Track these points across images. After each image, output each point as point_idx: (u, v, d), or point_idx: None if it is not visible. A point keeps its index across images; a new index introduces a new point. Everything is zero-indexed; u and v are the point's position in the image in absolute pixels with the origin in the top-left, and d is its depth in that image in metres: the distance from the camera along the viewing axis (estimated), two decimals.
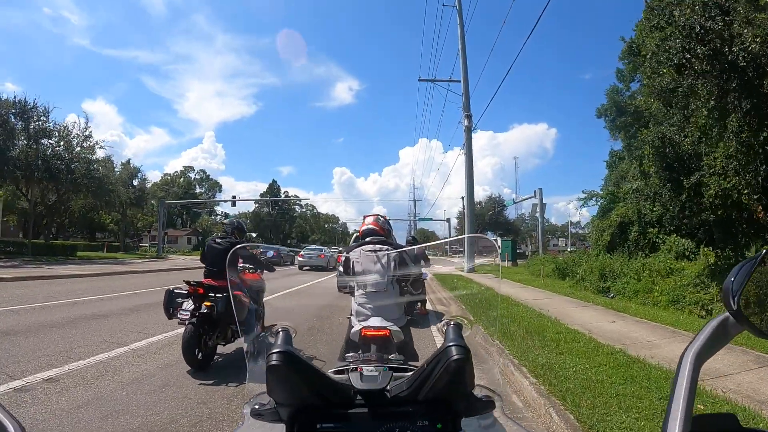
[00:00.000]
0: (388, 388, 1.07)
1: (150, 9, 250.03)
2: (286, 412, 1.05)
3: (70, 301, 13.54)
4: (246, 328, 7.48)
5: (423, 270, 8.76)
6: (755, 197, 10.67)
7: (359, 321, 4.36)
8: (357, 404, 1.05)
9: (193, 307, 6.89)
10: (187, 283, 7.05)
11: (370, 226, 4.85)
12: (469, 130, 31.32)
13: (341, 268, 4.79)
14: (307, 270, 33.80)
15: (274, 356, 0.98)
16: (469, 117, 31.08)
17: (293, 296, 15.74)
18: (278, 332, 1.10)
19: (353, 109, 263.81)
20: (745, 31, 9.77)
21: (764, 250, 0.88)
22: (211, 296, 6.95)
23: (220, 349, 7.53)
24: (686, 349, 0.85)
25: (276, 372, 0.98)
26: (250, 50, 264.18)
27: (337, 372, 1.12)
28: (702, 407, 4.93)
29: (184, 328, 6.84)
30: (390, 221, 5.20)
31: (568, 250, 57.44)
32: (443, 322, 1.18)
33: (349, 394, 1.05)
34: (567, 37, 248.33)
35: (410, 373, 1.08)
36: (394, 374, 1.12)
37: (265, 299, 8.65)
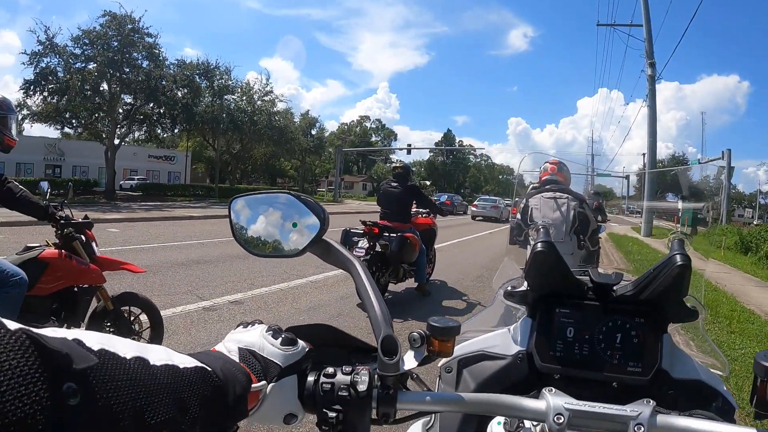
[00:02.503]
0: (615, 288, 1.22)
1: None
2: (534, 295, 1.25)
3: None
4: (417, 268, 7.87)
5: (602, 225, 8.54)
6: None
7: None
8: (589, 297, 1.22)
9: (367, 245, 7.25)
10: (363, 223, 7.45)
11: (552, 175, 4.80)
12: (652, 80, 28.73)
13: (518, 216, 4.73)
14: (479, 220, 33.94)
15: (540, 245, 1.17)
16: (652, 65, 28.38)
17: (464, 245, 15.60)
18: (539, 228, 1.29)
19: (528, 57, 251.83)
20: None
21: None
22: (386, 236, 7.35)
23: (391, 287, 7.99)
24: None
25: (540, 258, 1.18)
26: (420, 0, 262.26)
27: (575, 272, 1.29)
28: None
29: None
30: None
31: (755, 222, 52.50)
32: (669, 237, 1.33)
33: (584, 288, 1.23)
34: None
35: (637, 278, 1.23)
36: (623, 279, 1.26)
37: (438, 246, 8.92)
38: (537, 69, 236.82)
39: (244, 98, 45.65)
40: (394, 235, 7.38)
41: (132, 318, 4.49)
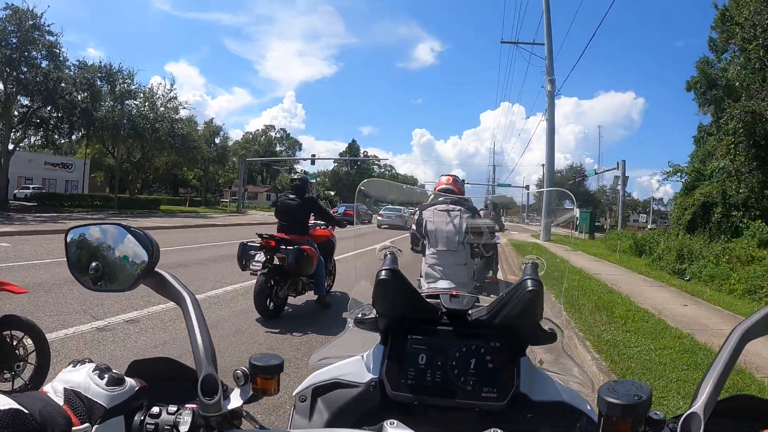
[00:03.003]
0: (470, 312, 1.21)
1: None
2: (384, 322, 1.21)
3: None
4: (316, 281, 7.84)
5: (496, 235, 8.83)
6: None
7: (428, 283, 4.48)
8: (442, 323, 1.21)
9: (265, 259, 7.18)
10: (260, 236, 7.38)
11: (446, 185, 4.92)
12: (552, 95, 30.35)
13: (414, 226, 4.83)
14: (385, 228, 34.60)
15: (384, 272, 1.14)
16: (552, 81, 30.11)
17: (369, 254, 15.37)
18: (386, 254, 1.24)
19: (435, 70, 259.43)
20: None
21: None
22: (283, 248, 7.24)
23: (290, 300, 7.92)
24: (738, 325, 0.90)
25: (384, 285, 1.14)
26: (331, 10, 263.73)
27: (428, 297, 1.28)
28: None
29: (256, 279, 7.20)
30: (468, 184, 5.23)
31: (648, 227, 55.63)
32: (522, 260, 1.30)
33: (437, 314, 1.21)
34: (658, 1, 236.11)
35: (491, 302, 1.22)
36: (476, 303, 1.27)
37: (340, 257, 8.91)
38: (442, 82, 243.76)
39: (147, 104, 44.51)
40: (291, 247, 7.30)
41: (15, 342, 4.17)
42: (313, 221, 8.32)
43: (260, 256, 7.25)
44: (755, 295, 12.05)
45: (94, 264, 0.99)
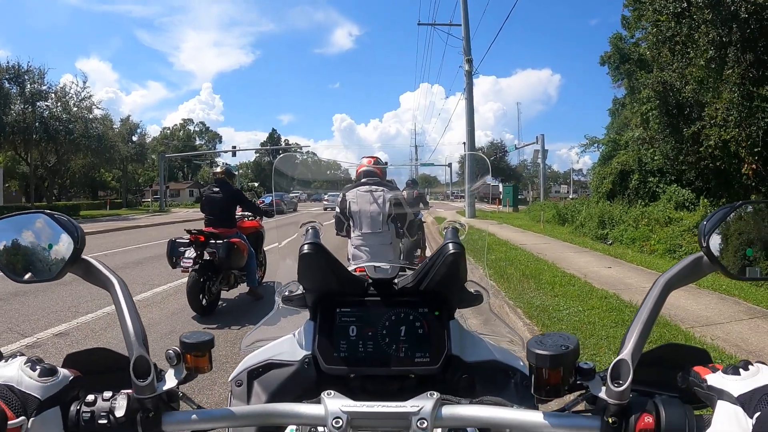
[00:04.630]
0: (396, 280, 1.22)
1: None
2: (312, 297, 1.21)
3: None
4: (247, 273, 7.87)
5: (420, 212, 9.02)
6: (756, 149, 10.61)
7: (355, 264, 4.49)
8: (370, 294, 1.21)
9: (195, 255, 7.09)
10: (188, 231, 7.30)
11: (368, 167, 4.95)
12: (469, 75, 30.85)
13: (338, 209, 4.90)
14: (331, 210, 35.26)
15: (306, 246, 1.13)
16: (469, 61, 30.52)
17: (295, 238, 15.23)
18: (308, 229, 1.23)
19: (353, 54, 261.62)
20: None
21: (740, 201, 0.97)
22: (212, 243, 7.20)
23: (224, 294, 7.90)
24: (660, 276, 0.94)
25: (307, 260, 1.13)
26: None
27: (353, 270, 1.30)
28: None
29: (187, 276, 7.14)
30: (391, 166, 5.30)
31: (570, 197, 57.28)
32: (443, 226, 1.33)
33: (363, 285, 1.22)
34: None
35: (416, 269, 1.22)
36: (400, 272, 1.29)
37: (269, 248, 8.84)
38: (361, 66, 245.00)
39: (59, 104, 42.07)
40: (221, 241, 7.25)
41: None
42: (240, 213, 8.30)
43: (190, 253, 7.14)
44: (675, 254, 12.67)
45: (19, 255, 0.97)
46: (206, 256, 7.11)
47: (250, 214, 8.50)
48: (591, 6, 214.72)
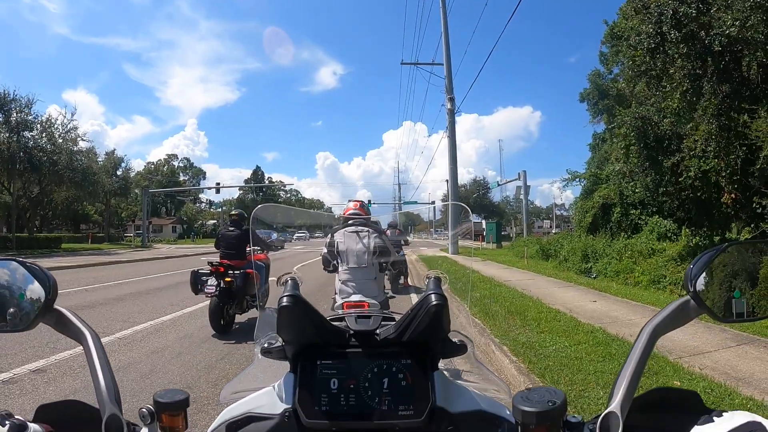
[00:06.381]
0: (378, 331, 1.20)
1: None
2: (291, 349, 1.18)
3: None
4: (259, 298, 8.44)
5: (402, 249, 10.07)
6: (735, 178, 10.75)
7: (342, 298, 4.76)
8: (351, 345, 1.18)
9: (216, 283, 8.32)
10: (210, 263, 8.62)
11: (354, 210, 5.32)
12: (452, 113, 31.55)
13: (326, 248, 5.18)
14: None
15: (285, 299, 1.11)
16: (451, 100, 31.29)
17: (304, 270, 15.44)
18: (287, 281, 1.22)
19: (337, 93, 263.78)
20: (724, 15, 9.82)
21: (725, 243, 0.97)
22: (231, 273, 8.46)
23: (237, 318, 8.97)
24: (647, 322, 0.93)
25: (286, 312, 1.10)
26: (233, 35, 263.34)
27: (334, 320, 1.25)
28: (678, 383, 5.05)
29: (209, 301, 8.37)
30: (375, 204, 5.52)
31: (553, 231, 57.75)
32: (425, 275, 1.32)
33: (344, 336, 1.19)
34: (552, 18, 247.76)
35: (397, 320, 1.20)
36: (383, 322, 1.26)
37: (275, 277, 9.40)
38: (345, 105, 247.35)
39: (44, 135, 42.10)
40: (238, 272, 8.49)
41: None
42: (251, 248, 9.12)
43: (212, 281, 8.35)
44: (659, 285, 12.76)
45: None
46: (223, 285, 8.30)
47: (258, 248, 9.28)
48: (570, 45, 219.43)
